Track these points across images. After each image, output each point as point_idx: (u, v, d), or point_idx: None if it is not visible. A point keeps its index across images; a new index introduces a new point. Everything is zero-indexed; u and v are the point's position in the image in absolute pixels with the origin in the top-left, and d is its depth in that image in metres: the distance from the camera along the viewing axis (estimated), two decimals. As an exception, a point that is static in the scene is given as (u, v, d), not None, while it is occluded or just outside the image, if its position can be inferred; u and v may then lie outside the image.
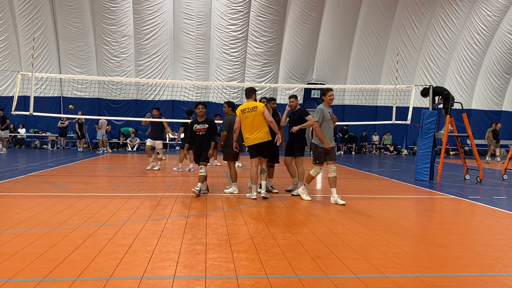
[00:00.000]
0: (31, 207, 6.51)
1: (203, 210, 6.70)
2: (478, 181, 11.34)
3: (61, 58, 21.87)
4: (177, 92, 21.96)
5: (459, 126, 14.42)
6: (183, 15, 21.74)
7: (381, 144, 24.49)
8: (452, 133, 11.87)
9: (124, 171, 12.12)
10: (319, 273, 3.91)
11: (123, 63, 22.06)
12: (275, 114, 8.57)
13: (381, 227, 5.76)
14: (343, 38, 23.22)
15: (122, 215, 6.10)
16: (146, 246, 4.57)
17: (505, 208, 7.54)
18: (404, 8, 23.08)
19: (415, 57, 24.18)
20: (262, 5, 21.71)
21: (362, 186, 10.20)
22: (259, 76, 22.64)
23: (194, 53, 22.33)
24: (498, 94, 25.95)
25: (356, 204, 7.47)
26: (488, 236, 5.43)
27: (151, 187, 9.05)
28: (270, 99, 8.89)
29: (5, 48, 21.11)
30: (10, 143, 21.90)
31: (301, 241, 4.97)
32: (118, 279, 3.61)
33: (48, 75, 19.31)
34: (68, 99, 22.17)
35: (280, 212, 6.68)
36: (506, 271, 4.12)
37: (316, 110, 7.61)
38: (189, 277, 3.73)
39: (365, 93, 23.34)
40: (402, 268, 4.09)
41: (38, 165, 12.99)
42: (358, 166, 15.59)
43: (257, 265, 4.05)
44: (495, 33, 24.34)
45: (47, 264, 3.92)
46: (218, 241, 4.86)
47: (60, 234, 4.97)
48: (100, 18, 21.27)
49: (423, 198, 8.73)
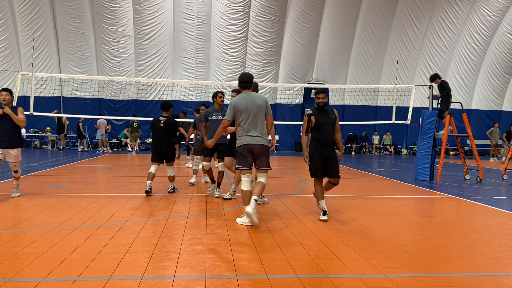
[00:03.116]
0: (31, 207, 6.51)
1: (203, 210, 6.70)
2: (478, 181, 11.34)
3: (61, 58, 21.87)
4: (177, 92, 21.96)
5: (459, 126, 14.41)
6: (183, 15, 21.74)
7: (381, 144, 24.49)
8: (452, 133, 11.86)
9: (124, 171, 12.12)
10: (319, 273, 3.91)
11: (123, 63, 22.06)
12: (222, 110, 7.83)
13: (381, 227, 5.76)
14: (343, 38, 23.21)
15: (122, 215, 6.09)
16: (146, 246, 4.57)
17: (505, 208, 7.54)
18: (404, 8, 23.08)
19: (415, 57, 24.18)
20: (262, 5, 21.70)
21: (362, 186, 10.20)
22: (259, 76, 22.62)
23: (194, 53, 22.32)
24: (498, 94, 25.94)
25: (356, 204, 7.47)
26: (488, 236, 5.43)
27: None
28: (216, 93, 8.01)
29: (5, 48, 21.09)
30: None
31: (301, 241, 4.97)
32: (118, 279, 3.61)
33: (48, 75, 19.32)
34: (68, 99, 22.19)
35: (280, 212, 6.68)
36: (506, 271, 4.12)
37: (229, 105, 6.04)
38: (189, 277, 3.73)
39: (365, 93, 23.34)
40: (402, 268, 4.09)
41: (38, 165, 12.99)
42: (358, 166, 15.58)
43: (257, 265, 4.05)
44: (495, 33, 24.33)
45: (47, 264, 3.92)
46: (218, 241, 4.86)
47: (60, 234, 4.97)
48: (100, 18, 21.26)
49: (423, 198, 8.73)
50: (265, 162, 5.84)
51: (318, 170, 6.12)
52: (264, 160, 5.82)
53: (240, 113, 5.77)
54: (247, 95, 5.86)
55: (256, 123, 5.76)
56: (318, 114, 6.13)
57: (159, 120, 8.23)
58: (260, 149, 5.77)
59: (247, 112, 5.75)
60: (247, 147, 5.76)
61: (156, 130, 8.20)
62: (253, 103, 5.77)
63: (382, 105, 22.95)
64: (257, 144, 5.75)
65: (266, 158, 5.85)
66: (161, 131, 8.13)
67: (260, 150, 5.78)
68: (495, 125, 21.31)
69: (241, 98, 5.84)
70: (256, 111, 5.76)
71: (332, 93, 23.27)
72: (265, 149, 5.83)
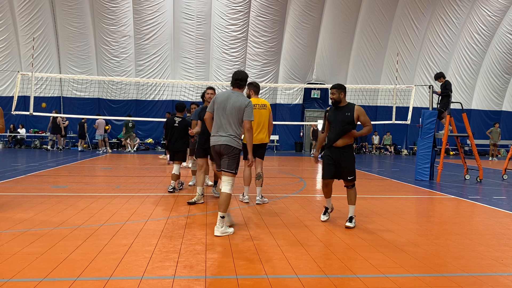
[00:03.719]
0: (31, 207, 6.51)
1: (203, 210, 6.70)
2: (478, 181, 11.34)
3: (61, 58, 21.88)
4: (177, 92, 21.96)
5: (459, 126, 14.42)
6: (183, 15, 21.74)
7: (381, 144, 24.50)
8: (452, 133, 11.87)
9: (124, 171, 12.12)
10: (319, 273, 3.91)
11: (123, 63, 22.07)
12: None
13: (381, 227, 5.76)
14: (343, 38, 23.22)
15: (122, 215, 6.09)
16: (146, 246, 4.57)
17: (505, 208, 7.54)
18: (404, 8, 23.09)
19: (415, 57, 24.18)
20: (262, 5, 21.71)
21: (362, 186, 10.19)
22: (259, 76, 22.63)
23: (194, 53, 22.33)
24: (498, 94, 25.95)
25: (356, 204, 7.45)
26: (488, 236, 5.43)
27: (151, 187, 9.05)
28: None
29: (5, 48, 21.11)
30: (10, 143, 21.91)
31: (301, 241, 4.97)
32: (118, 279, 3.60)
33: (48, 75, 19.33)
34: (68, 99, 22.20)
35: (280, 212, 6.68)
36: (506, 271, 4.12)
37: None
38: (189, 277, 3.72)
39: (365, 93, 23.34)
40: (402, 268, 4.09)
41: (38, 165, 12.99)
42: (358, 166, 15.53)
43: (257, 265, 4.05)
44: (495, 33, 24.33)
45: (47, 264, 3.92)
46: (218, 241, 4.86)
47: (60, 234, 4.97)
48: (100, 18, 21.27)
49: (423, 198, 8.73)
50: (226, 163, 5.35)
51: (324, 170, 5.90)
52: (226, 161, 5.34)
53: (217, 108, 5.46)
54: (231, 93, 5.51)
55: (228, 123, 5.38)
56: (333, 111, 5.85)
57: (174, 120, 8.58)
58: (224, 149, 5.36)
59: (223, 108, 5.41)
60: (213, 148, 5.49)
61: (171, 130, 8.54)
62: (232, 102, 5.40)
63: (382, 105, 22.96)
64: (222, 144, 5.35)
65: (230, 159, 5.34)
66: (176, 131, 8.49)
67: (224, 150, 5.35)
68: (495, 125, 21.31)
69: (224, 93, 5.54)
70: (231, 110, 5.38)
71: (332, 93, 23.25)
72: (231, 150, 5.35)
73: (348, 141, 5.78)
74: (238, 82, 5.58)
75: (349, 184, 5.86)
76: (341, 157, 5.77)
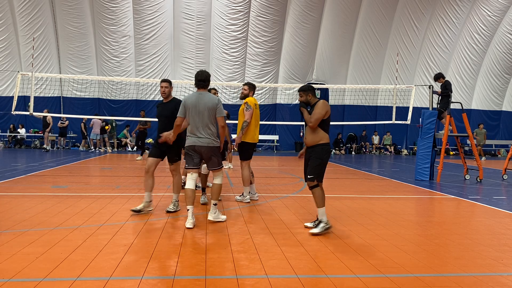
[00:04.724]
0: (31, 207, 6.51)
1: (203, 210, 6.70)
2: (478, 181, 11.34)
3: (61, 58, 21.87)
4: (177, 92, 21.85)
5: (459, 126, 14.42)
6: (183, 15, 21.74)
7: (381, 144, 24.50)
8: (452, 133, 11.87)
9: (124, 171, 12.12)
10: (319, 273, 3.91)
11: (123, 63, 22.06)
12: None
13: (381, 227, 5.77)
14: (343, 38, 23.22)
15: (122, 215, 6.10)
16: (146, 246, 4.57)
17: (505, 208, 7.54)
18: (404, 8, 23.09)
19: (415, 57, 24.18)
20: (262, 5, 21.71)
21: (362, 186, 10.20)
22: (259, 76, 22.64)
23: (194, 53, 22.33)
24: (498, 94, 25.94)
25: (356, 204, 7.47)
26: (488, 236, 5.43)
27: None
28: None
29: (5, 48, 21.11)
30: (10, 143, 21.91)
31: (301, 241, 4.97)
32: (118, 279, 3.61)
33: (48, 75, 19.32)
34: (68, 99, 22.20)
35: (280, 212, 6.68)
36: (506, 271, 4.12)
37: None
38: (189, 277, 3.73)
39: (365, 93, 23.35)
40: (402, 268, 4.09)
41: (38, 165, 12.99)
42: (358, 166, 15.58)
43: (257, 265, 4.05)
44: (495, 33, 24.33)
45: (47, 264, 3.92)
46: (218, 241, 4.86)
47: (60, 234, 4.97)
48: (100, 18, 21.27)
49: (423, 198, 8.73)
50: (216, 162, 5.79)
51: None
52: (215, 161, 5.78)
53: (189, 111, 5.67)
54: (199, 94, 5.72)
55: (203, 123, 5.61)
56: (308, 113, 5.57)
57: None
58: (208, 151, 5.67)
59: (195, 110, 5.62)
60: (193, 148, 5.69)
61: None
62: (203, 102, 5.63)
63: (382, 105, 22.96)
64: (204, 145, 5.64)
65: (216, 157, 5.77)
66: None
67: (208, 151, 5.68)
68: (480, 126, 21.11)
69: (192, 96, 5.74)
70: (204, 111, 5.61)
71: (332, 93, 23.28)
72: (214, 150, 5.71)
73: (316, 139, 5.47)
74: (202, 83, 5.79)
75: (309, 184, 5.47)
76: (310, 157, 5.55)
